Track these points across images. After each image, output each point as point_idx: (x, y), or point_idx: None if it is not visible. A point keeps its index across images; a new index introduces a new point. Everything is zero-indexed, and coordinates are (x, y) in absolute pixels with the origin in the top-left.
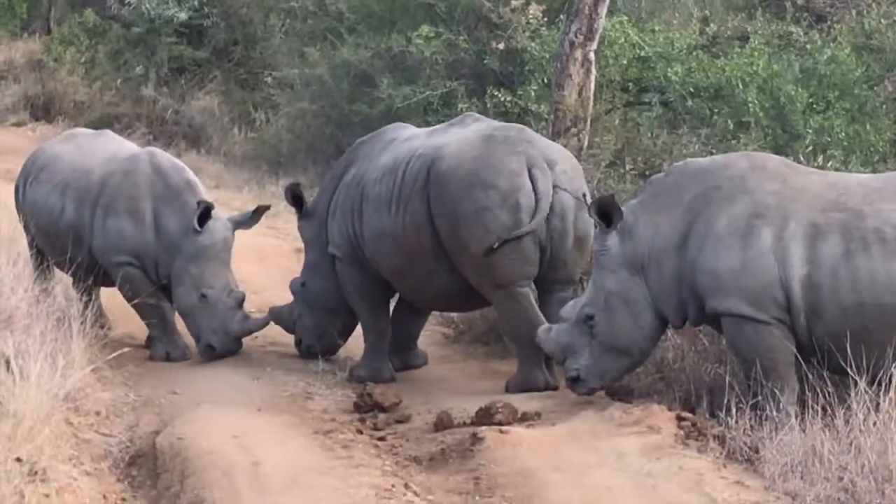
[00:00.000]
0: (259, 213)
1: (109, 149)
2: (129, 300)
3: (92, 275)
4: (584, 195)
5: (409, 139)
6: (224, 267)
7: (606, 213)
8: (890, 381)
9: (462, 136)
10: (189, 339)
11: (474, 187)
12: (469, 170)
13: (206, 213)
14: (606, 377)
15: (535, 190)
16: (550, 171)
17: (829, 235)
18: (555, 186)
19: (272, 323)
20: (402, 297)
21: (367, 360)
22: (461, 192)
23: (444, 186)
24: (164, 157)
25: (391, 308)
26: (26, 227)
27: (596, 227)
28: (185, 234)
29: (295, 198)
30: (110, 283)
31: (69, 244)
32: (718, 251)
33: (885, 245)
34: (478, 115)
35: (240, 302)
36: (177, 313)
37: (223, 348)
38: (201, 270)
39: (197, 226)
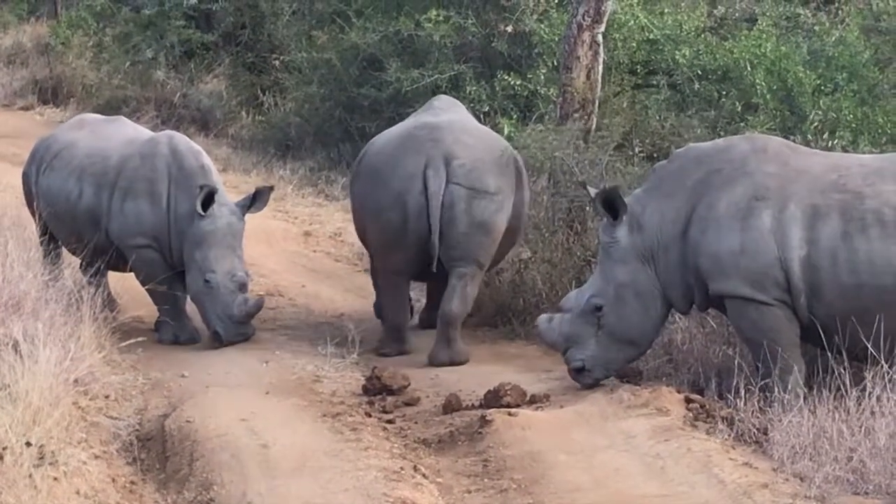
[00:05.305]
0: (260, 194)
1: (126, 133)
2: (143, 283)
3: (105, 259)
4: (484, 189)
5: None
6: (229, 252)
7: (612, 205)
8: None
9: (394, 130)
10: (199, 324)
11: (376, 186)
12: (375, 169)
13: (208, 197)
14: (612, 367)
15: (426, 190)
16: (446, 169)
17: (829, 217)
18: (449, 182)
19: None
20: None
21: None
22: (367, 189)
23: (360, 180)
24: (182, 140)
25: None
26: (35, 214)
27: (602, 219)
28: (191, 219)
29: None
30: (121, 268)
31: (86, 229)
32: (719, 234)
33: (884, 227)
34: (449, 99)
35: (241, 285)
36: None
37: (227, 334)
38: (205, 255)
39: (200, 210)
